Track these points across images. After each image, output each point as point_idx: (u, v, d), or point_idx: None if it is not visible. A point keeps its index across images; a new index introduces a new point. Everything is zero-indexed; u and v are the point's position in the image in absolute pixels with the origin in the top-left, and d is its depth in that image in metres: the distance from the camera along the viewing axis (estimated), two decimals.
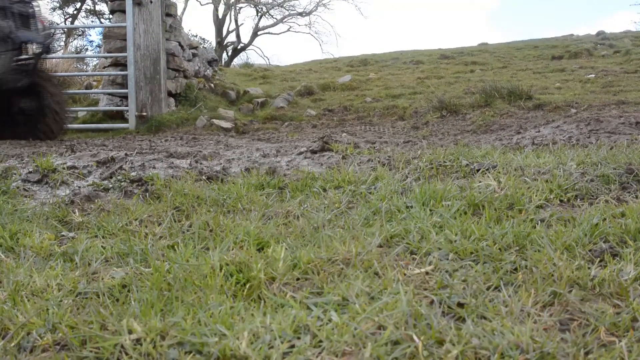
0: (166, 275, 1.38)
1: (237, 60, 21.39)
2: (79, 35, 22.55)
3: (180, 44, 8.45)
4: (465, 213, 1.84)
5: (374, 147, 3.74)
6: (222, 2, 20.94)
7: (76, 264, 1.57)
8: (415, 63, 12.37)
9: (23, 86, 5.41)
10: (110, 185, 2.57)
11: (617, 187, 2.07)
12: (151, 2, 7.49)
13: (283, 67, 14.43)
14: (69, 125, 6.56)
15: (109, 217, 2.03)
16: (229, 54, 21.79)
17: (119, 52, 7.82)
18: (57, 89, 5.94)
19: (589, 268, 1.33)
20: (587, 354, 1.00)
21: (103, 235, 1.88)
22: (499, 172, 2.29)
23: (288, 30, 23.18)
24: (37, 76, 5.56)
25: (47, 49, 5.55)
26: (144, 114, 7.45)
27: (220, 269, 1.38)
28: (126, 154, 3.11)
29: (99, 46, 19.35)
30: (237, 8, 21.54)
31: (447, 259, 1.45)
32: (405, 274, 1.36)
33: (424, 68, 11.54)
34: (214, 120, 7.55)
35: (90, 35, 23.41)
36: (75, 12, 23.77)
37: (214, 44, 20.32)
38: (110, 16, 8.76)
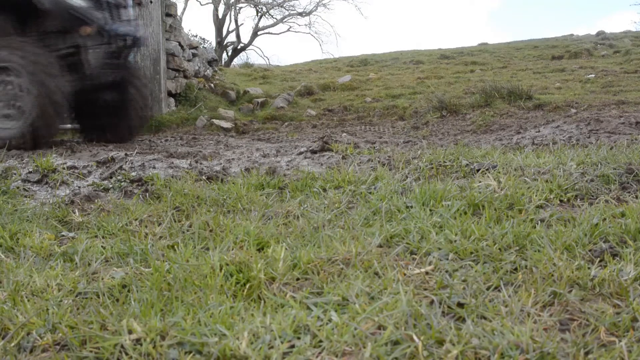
0: (166, 275, 1.38)
1: (237, 60, 21.39)
2: None
3: (180, 44, 8.46)
4: (465, 213, 1.84)
5: (374, 147, 3.74)
6: (222, 2, 20.94)
7: (76, 264, 1.57)
8: (415, 63, 12.37)
9: (113, 81, 5.16)
10: (110, 185, 2.57)
11: (617, 187, 2.07)
12: (151, 2, 7.49)
13: (283, 67, 14.44)
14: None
15: (109, 217, 2.03)
16: (229, 54, 21.79)
17: None
18: (142, 84, 5.66)
19: (589, 268, 1.33)
20: (587, 354, 1.00)
21: (103, 235, 1.88)
22: (499, 172, 2.29)
23: (288, 30, 23.19)
24: (126, 71, 5.31)
25: (138, 42, 5.27)
26: None
27: (220, 269, 1.38)
28: (126, 154, 3.11)
29: None
30: (237, 8, 21.54)
31: (447, 259, 1.45)
32: (405, 274, 1.36)
33: (424, 68, 11.54)
34: (214, 120, 7.55)
35: None
36: None
37: (214, 44, 20.32)
38: None
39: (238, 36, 21.90)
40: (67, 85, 4.50)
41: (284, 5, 21.58)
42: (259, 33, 22.24)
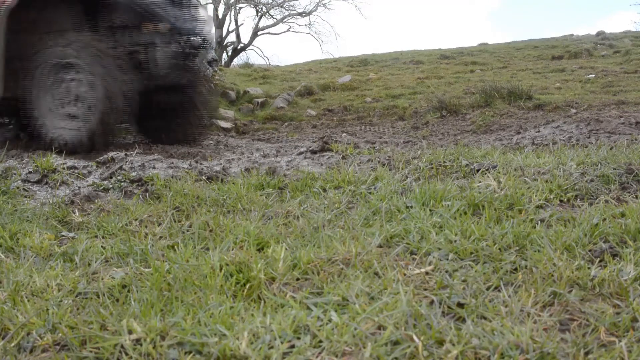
0: (166, 276, 1.38)
1: (237, 60, 21.36)
2: None
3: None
4: (465, 213, 1.84)
5: (374, 147, 3.74)
6: (222, 2, 20.94)
7: (76, 264, 1.57)
8: (415, 63, 12.37)
9: (177, 83, 4.82)
10: (110, 186, 2.57)
11: (617, 187, 2.07)
12: None
13: (283, 67, 14.42)
14: None
15: (109, 217, 2.03)
16: (229, 54, 21.78)
17: None
18: (205, 87, 5.39)
19: (589, 268, 1.33)
20: (587, 354, 1.00)
21: (103, 236, 1.88)
22: (499, 172, 2.29)
23: (288, 30, 23.17)
24: (191, 73, 4.97)
25: (206, 43, 4.97)
26: None
27: (220, 269, 1.38)
28: (126, 154, 3.11)
29: None
30: (237, 8, 21.53)
31: (447, 259, 1.45)
32: (405, 274, 1.36)
33: (424, 68, 11.53)
34: (213, 120, 7.54)
35: None
36: None
37: (213, 44, 20.30)
38: None
39: (238, 36, 21.88)
40: (131, 84, 4.23)
41: (284, 5, 21.57)
42: (259, 33, 22.22)
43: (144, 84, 4.45)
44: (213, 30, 5.19)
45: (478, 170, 2.42)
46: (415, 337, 1.02)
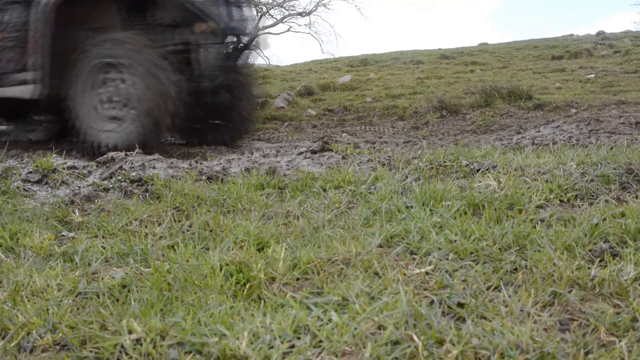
0: (166, 275, 1.38)
1: None
2: None
3: None
4: (465, 213, 1.84)
5: (374, 147, 3.74)
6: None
7: (76, 264, 1.57)
8: (415, 63, 12.36)
9: (222, 84, 4.64)
10: (110, 185, 2.57)
11: (617, 187, 2.07)
12: None
13: (283, 67, 14.42)
14: None
15: (109, 217, 2.03)
16: None
17: None
18: (252, 89, 5.19)
19: (589, 268, 1.33)
20: (587, 354, 1.00)
21: (103, 235, 1.88)
22: (499, 172, 2.29)
23: (288, 30, 23.17)
24: (237, 74, 4.80)
25: (252, 43, 4.74)
26: None
27: (220, 269, 1.38)
28: (126, 154, 3.10)
29: None
30: None
31: (447, 259, 1.45)
32: (405, 274, 1.36)
33: (424, 68, 11.53)
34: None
35: None
36: None
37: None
38: None
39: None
40: (180, 85, 4.04)
41: (284, 5, 21.56)
42: (259, 33, 22.22)
43: (193, 84, 4.29)
44: (255, 31, 4.97)
45: (478, 170, 2.42)
46: (415, 337, 1.02)
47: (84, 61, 4.13)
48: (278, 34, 26.73)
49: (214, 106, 4.84)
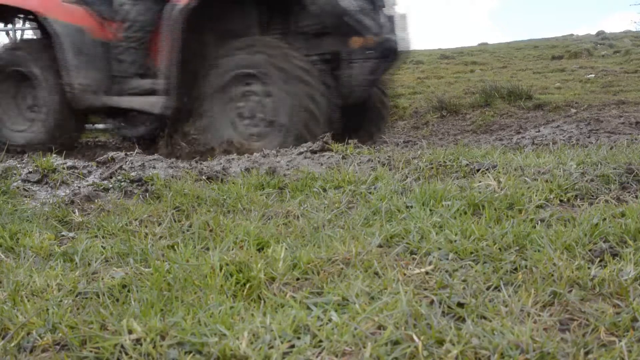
0: (166, 275, 1.38)
1: None
2: None
3: None
4: (465, 213, 1.84)
5: (374, 147, 3.74)
6: None
7: (76, 264, 1.57)
8: (415, 63, 12.36)
9: (370, 97, 4.28)
10: (110, 185, 2.57)
11: (617, 187, 2.07)
12: None
13: None
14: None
15: (109, 217, 2.03)
16: None
17: None
18: (387, 104, 4.82)
19: (589, 268, 1.33)
20: (587, 354, 1.00)
21: (103, 235, 1.88)
22: (499, 172, 2.29)
23: None
24: (377, 88, 4.42)
25: (399, 55, 4.25)
26: None
27: (220, 269, 1.38)
28: (126, 154, 3.10)
29: None
30: None
31: (447, 259, 1.45)
32: (405, 274, 1.36)
33: (424, 68, 11.53)
34: None
35: None
36: None
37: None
38: None
39: None
40: (324, 100, 3.64)
41: None
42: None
43: (337, 100, 3.88)
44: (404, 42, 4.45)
45: (478, 170, 2.42)
46: (415, 337, 1.02)
47: (219, 71, 3.77)
48: None
49: (353, 120, 4.46)
